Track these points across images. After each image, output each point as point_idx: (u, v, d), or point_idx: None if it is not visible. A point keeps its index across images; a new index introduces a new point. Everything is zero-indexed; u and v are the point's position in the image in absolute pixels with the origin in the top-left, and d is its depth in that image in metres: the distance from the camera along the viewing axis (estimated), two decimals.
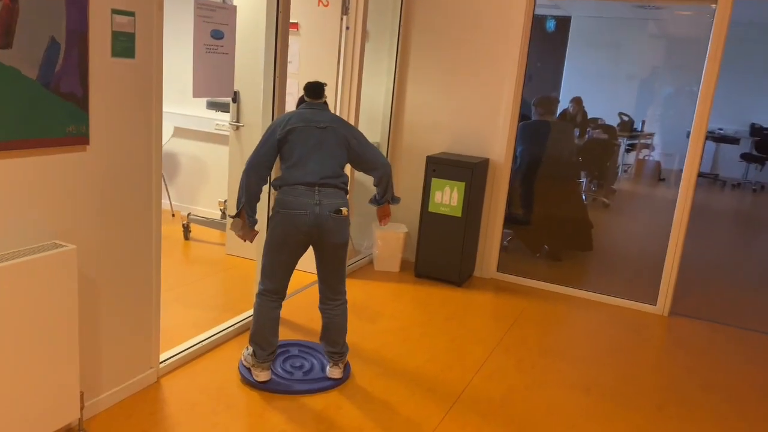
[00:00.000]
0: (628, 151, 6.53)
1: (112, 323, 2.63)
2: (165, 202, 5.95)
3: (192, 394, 2.85)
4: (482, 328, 3.89)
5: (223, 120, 5.45)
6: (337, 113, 4.34)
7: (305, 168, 2.83)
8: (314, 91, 2.97)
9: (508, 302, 4.39)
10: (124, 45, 2.44)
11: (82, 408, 2.45)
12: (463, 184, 4.42)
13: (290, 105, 4.42)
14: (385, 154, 4.95)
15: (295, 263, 2.93)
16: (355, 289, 4.33)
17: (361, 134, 3.00)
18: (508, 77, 4.53)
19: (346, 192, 2.92)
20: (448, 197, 4.48)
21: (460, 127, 4.73)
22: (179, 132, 5.74)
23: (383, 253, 4.71)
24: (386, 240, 4.68)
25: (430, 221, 4.58)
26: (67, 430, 2.48)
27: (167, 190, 5.89)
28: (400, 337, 3.66)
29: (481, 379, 3.26)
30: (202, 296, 3.98)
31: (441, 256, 4.59)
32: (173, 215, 5.77)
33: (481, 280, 4.81)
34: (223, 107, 4.94)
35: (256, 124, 4.52)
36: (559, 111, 5.44)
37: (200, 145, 5.70)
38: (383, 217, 3.20)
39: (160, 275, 2.84)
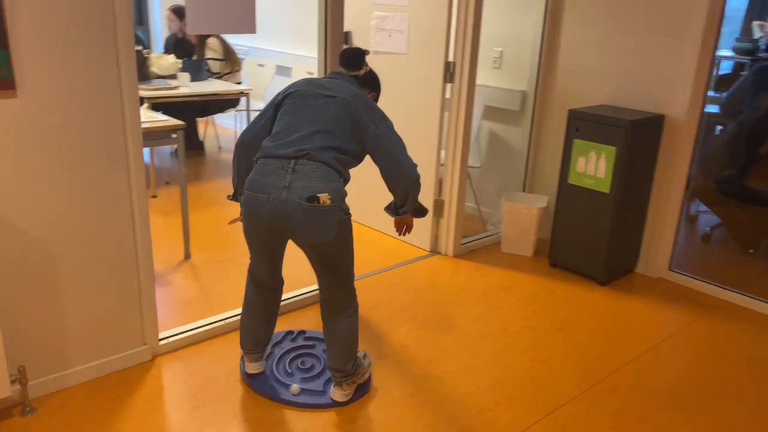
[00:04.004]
0: None
1: (80, 295, 2.34)
2: None
3: (174, 383, 2.47)
4: (597, 349, 2.82)
5: None
6: (451, 55, 3.48)
7: (287, 137, 2.13)
8: (348, 60, 2.34)
9: (663, 315, 3.17)
10: None
11: (24, 383, 2.22)
12: (613, 148, 3.25)
13: (387, 44, 3.70)
14: (531, 106, 3.93)
15: (277, 255, 2.31)
16: (459, 273, 3.53)
17: (386, 123, 2.19)
18: (698, 3, 3.16)
19: (339, 172, 2.12)
20: (593, 165, 3.35)
21: (628, 72, 3.49)
22: None
23: (510, 232, 3.77)
24: (514, 215, 3.72)
25: (569, 196, 3.50)
26: (16, 405, 2.28)
27: None
28: (471, 349, 2.81)
29: (548, 426, 2.30)
30: None
31: (582, 244, 3.50)
32: None
33: (643, 279, 3.59)
34: None
35: None
36: None
37: None
38: (402, 226, 2.38)
39: (149, 242, 2.47)
